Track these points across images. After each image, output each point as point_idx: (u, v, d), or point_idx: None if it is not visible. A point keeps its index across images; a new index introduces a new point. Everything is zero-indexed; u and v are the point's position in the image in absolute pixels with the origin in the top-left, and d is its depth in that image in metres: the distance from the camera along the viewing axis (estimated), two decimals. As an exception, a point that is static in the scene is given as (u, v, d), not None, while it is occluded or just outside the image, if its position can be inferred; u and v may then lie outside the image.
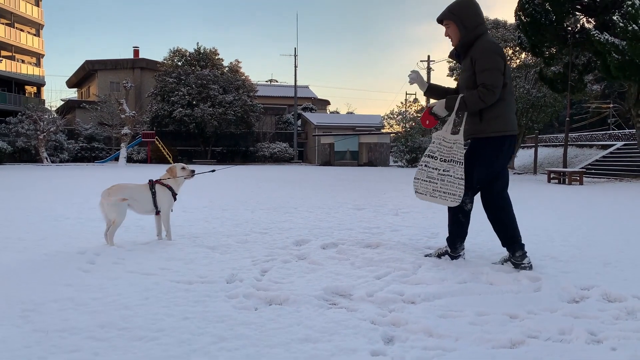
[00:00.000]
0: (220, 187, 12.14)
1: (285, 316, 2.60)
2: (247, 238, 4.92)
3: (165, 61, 38.58)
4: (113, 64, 43.42)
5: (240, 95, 37.24)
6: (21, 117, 32.94)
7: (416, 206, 7.94)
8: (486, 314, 2.67)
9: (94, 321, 2.45)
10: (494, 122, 3.60)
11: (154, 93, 37.41)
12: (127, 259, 3.88)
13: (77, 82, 50.97)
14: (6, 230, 5.19)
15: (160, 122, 36.72)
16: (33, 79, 46.85)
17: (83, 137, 36.84)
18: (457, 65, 26.70)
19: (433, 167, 3.72)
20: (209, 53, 38.98)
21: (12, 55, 44.68)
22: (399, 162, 33.82)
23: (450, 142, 3.70)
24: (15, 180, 14.06)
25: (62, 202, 7.98)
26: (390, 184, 14.27)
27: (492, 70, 3.50)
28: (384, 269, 3.62)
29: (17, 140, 32.30)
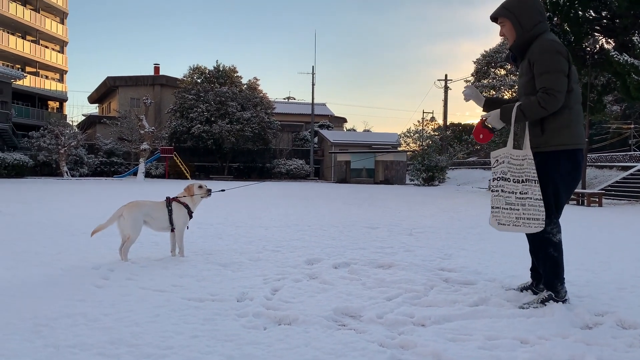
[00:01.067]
0: (234, 203, 12.21)
1: (293, 337, 2.60)
2: (260, 256, 4.94)
3: (185, 78, 39.22)
4: (134, 80, 44.24)
5: (257, 112, 37.63)
6: (43, 132, 33.64)
7: (431, 226, 7.90)
8: (496, 338, 2.64)
9: (104, 337, 2.48)
10: (558, 134, 3.18)
11: (173, 109, 37.98)
12: (140, 275, 3.93)
13: (99, 97, 51.96)
14: (24, 244, 5.28)
15: (179, 138, 37.20)
16: (56, 94, 47.88)
17: (103, 151, 37.45)
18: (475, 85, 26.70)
19: (509, 190, 3.19)
20: (228, 70, 39.54)
21: (36, 72, 45.80)
22: (415, 181, 33.70)
23: (519, 159, 3.20)
24: (35, 194, 14.31)
25: (80, 217, 8.10)
26: (405, 203, 14.22)
27: (554, 73, 3.10)
28: (395, 290, 3.61)
29: (39, 154, 32.94)
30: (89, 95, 52.45)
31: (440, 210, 11.60)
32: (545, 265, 3.28)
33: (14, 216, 8.01)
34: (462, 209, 12.02)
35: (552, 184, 3.22)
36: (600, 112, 19.00)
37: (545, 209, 3.18)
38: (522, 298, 3.42)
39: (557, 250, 3.24)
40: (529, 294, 3.49)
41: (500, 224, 3.24)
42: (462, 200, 16.35)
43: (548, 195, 3.22)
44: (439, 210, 11.60)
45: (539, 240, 3.28)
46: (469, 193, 21.95)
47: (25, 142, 34.16)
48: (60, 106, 50.46)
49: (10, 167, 30.00)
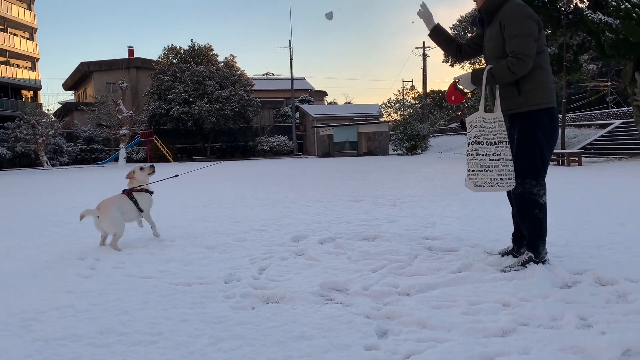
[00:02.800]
0: (218, 184, 12.19)
1: (281, 314, 2.65)
2: (246, 236, 4.97)
3: (160, 59, 38.56)
4: (108, 64, 43.38)
5: (236, 91, 37.23)
6: (19, 122, 32.99)
7: (414, 195, 7.98)
8: (479, 303, 2.71)
9: (94, 327, 2.50)
10: (534, 94, 3.25)
11: (150, 92, 37.41)
12: (127, 263, 3.94)
13: (73, 84, 50.95)
14: (7, 238, 5.24)
15: (158, 120, 36.75)
16: (29, 83, 46.78)
17: (82, 139, 36.91)
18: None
19: (483, 153, 3.28)
20: (204, 49, 38.95)
21: (6, 61, 44.60)
22: (398, 150, 33.81)
23: (490, 122, 3.28)
24: (16, 186, 14.11)
25: (63, 207, 8.03)
26: (389, 173, 14.30)
27: (524, 37, 3.14)
28: (380, 262, 3.67)
29: (17, 146, 32.38)
30: (64, 82, 51.38)
31: (423, 178, 11.70)
32: (529, 227, 3.35)
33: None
34: (444, 177, 12.13)
35: (538, 143, 3.29)
36: (576, 72, 19.14)
37: (532, 170, 3.28)
38: (504, 262, 3.49)
39: (542, 212, 3.33)
40: (510, 258, 3.57)
41: (476, 185, 3.33)
42: (445, 167, 16.49)
43: (535, 156, 3.29)
44: (422, 178, 11.70)
45: (524, 201, 3.34)
46: (451, 160, 22.11)
47: (1, 134, 33.50)
48: (34, 95, 49.37)
49: (-13, 160, 29.47)
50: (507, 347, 2.14)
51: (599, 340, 2.16)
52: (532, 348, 2.12)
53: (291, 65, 43.45)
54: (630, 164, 14.47)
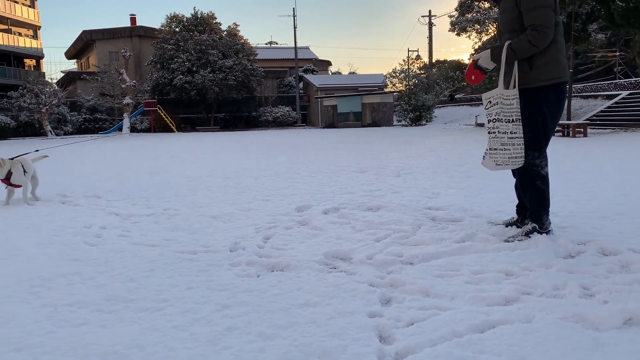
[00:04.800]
0: (223, 155, 12.19)
1: (286, 282, 2.67)
2: (250, 206, 4.99)
3: (163, 28, 38.09)
4: (110, 33, 42.90)
5: (240, 60, 36.84)
6: (22, 91, 32.81)
7: (418, 167, 7.97)
8: (482, 272, 2.73)
9: (100, 294, 2.53)
10: (546, 69, 3.20)
11: (153, 61, 37.06)
12: (132, 231, 3.97)
13: (76, 53, 50.51)
14: (14, 207, 5.27)
15: (162, 90, 36.51)
16: (31, 51, 46.41)
17: (85, 108, 36.78)
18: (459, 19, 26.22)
19: (502, 131, 3.22)
20: (206, 17, 38.44)
21: (8, 29, 44.16)
22: (402, 121, 33.64)
23: (509, 99, 3.22)
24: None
25: (68, 176, 8.05)
26: (393, 144, 14.26)
27: (542, 9, 3.08)
28: (384, 232, 3.68)
29: (20, 115, 32.28)
30: (66, 50, 50.90)
31: (427, 150, 11.67)
32: (532, 198, 3.36)
33: (1, 179, 7.95)
34: (449, 148, 12.09)
35: (542, 118, 3.27)
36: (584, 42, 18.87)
37: (535, 142, 3.26)
38: (507, 233, 3.50)
39: (545, 183, 3.33)
40: (514, 228, 3.57)
41: (497, 164, 3.30)
42: (449, 138, 16.42)
43: (538, 129, 3.28)
44: (426, 150, 11.66)
45: (527, 173, 3.33)
46: (455, 131, 22.02)
47: (5, 103, 33.39)
48: (37, 64, 49.04)
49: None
50: (510, 316, 2.16)
51: (601, 309, 2.18)
52: (535, 317, 2.15)
53: (295, 34, 42.75)
54: (637, 135, 14.36)
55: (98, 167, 9.47)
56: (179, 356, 1.87)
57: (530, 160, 3.29)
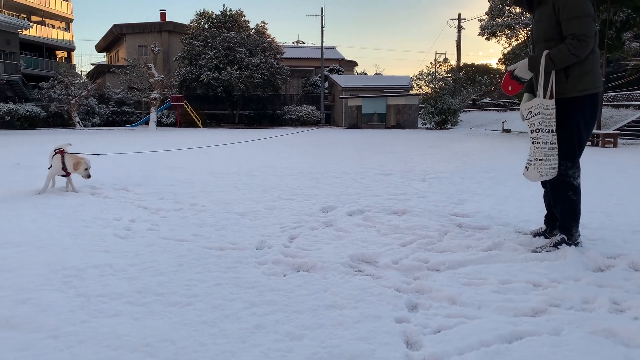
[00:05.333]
0: (247, 153, 12.28)
1: (312, 283, 2.70)
2: (275, 204, 5.03)
3: (192, 24, 38.49)
4: (140, 27, 43.51)
5: (266, 58, 37.05)
6: (53, 82, 33.52)
7: (444, 171, 7.92)
8: (509, 282, 2.72)
9: (132, 287, 2.59)
10: (583, 79, 3.15)
11: (181, 57, 37.50)
12: (161, 225, 4.04)
13: (106, 46, 51.36)
14: (46, 196, 5.40)
15: (189, 86, 36.92)
16: (63, 43, 47.39)
17: (113, 101, 37.41)
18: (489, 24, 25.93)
19: (544, 141, 3.20)
20: (235, 15, 38.71)
21: (42, 21, 45.18)
22: (427, 124, 33.42)
23: (549, 109, 3.18)
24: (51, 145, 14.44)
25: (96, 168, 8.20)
26: (418, 147, 14.19)
27: (583, 17, 3.02)
28: (410, 237, 3.68)
29: (50, 105, 32.97)
30: (97, 43, 51.79)
31: (453, 154, 11.58)
32: (563, 209, 3.32)
33: (32, 168, 8.14)
34: (475, 153, 11.98)
35: (576, 128, 3.24)
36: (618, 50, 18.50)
37: (569, 153, 3.23)
38: (535, 243, 3.47)
39: (576, 194, 3.29)
40: (542, 239, 3.54)
41: (541, 175, 3.26)
42: (476, 143, 16.27)
43: (572, 139, 3.24)
44: (452, 154, 11.58)
45: (559, 183, 3.30)
46: (481, 136, 21.80)
47: (36, 93, 34.15)
48: (68, 56, 50.05)
49: (22, 118, 30.18)
50: (538, 327, 2.15)
51: (632, 325, 2.15)
52: (563, 329, 2.13)
53: (322, 33, 42.87)
54: (669, 147, 14.02)
55: (125, 160, 9.63)
56: (209, 352, 1.91)
57: (563, 170, 3.25)
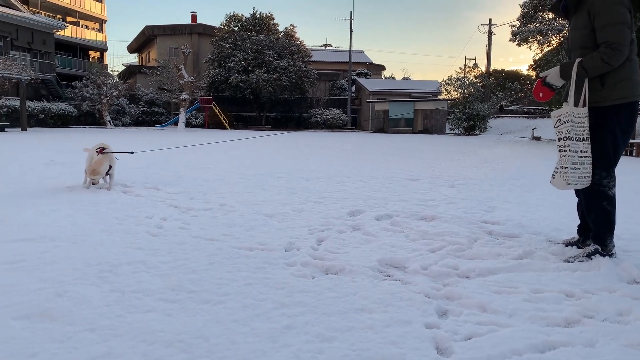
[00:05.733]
0: (274, 154, 12.36)
1: (341, 286, 2.71)
2: (303, 207, 5.05)
3: (222, 26, 38.94)
4: (172, 29, 44.22)
5: (294, 61, 37.24)
6: (86, 82, 34.33)
7: (473, 178, 7.85)
8: (541, 291, 2.68)
9: (164, 284, 2.64)
10: (619, 87, 3.10)
11: (211, 59, 37.96)
12: (192, 224, 4.10)
13: (138, 47, 52.31)
14: (79, 193, 5.54)
15: (217, 87, 37.33)
16: (96, 44, 48.49)
17: (144, 101, 38.07)
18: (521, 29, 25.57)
19: (573, 150, 3.15)
20: (265, 18, 39.02)
21: (77, 22, 46.34)
22: (455, 130, 33.13)
23: (580, 117, 3.14)
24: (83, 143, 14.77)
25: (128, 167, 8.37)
26: (446, 153, 14.08)
27: (617, 25, 2.99)
28: (439, 243, 3.66)
29: (83, 104, 33.75)
30: (129, 44, 52.82)
31: (482, 161, 11.46)
32: (597, 219, 3.26)
33: (66, 165, 8.36)
34: (504, 160, 11.83)
35: (612, 137, 3.18)
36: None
37: (604, 162, 3.18)
38: (567, 252, 3.42)
39: (611, 204, 3.23)
40: (574, 249, 3.48)
41: (568, 183, 3.22)
42: (505, 150, 16.06)
43: (607, 149, 3.19)
44: (480, 161, 11.46)
45: (593, 193, 3.25)
46: (511, 143, 21.51)
47: (69, 92, 35.01)
48: (100, 56, 51.18)
49: (56, 116, 30.97)
50: (571, 338, 2.11)
51: (670, 339, 2.10)
52: (598, 341, 2.09)
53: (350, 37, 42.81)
54: None
55: (155, 159, 9.79)
56: (240, 350, 1.94)
57: (597, 180, 3.19)
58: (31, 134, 21.40)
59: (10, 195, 5.27)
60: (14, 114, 26.79)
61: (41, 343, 1.95)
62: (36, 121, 29.64)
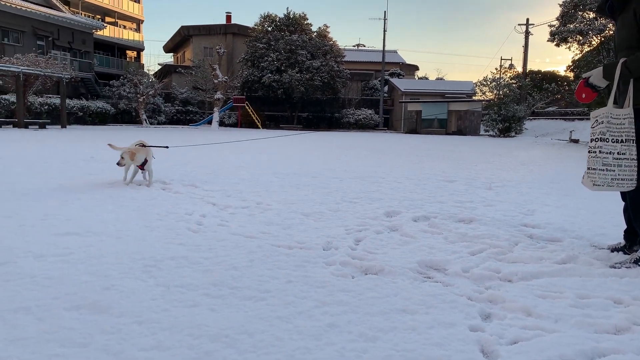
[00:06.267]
0: (307, 154, 12.40)
1: (382, 286, 2.70)
2: (339, 207, 5.05)
3: (256, 27, 39.29)
4: (207, 29, 44.86)
5: (327, 61, 37.30)
6: (123, 81, 35.14)
7: (510, 180, 7.71)
8: (588, 297, 2.62)
9: (207, 279, 2.68)
10: None
11: (244, 59, 38.36)
12: (230, 221, 4.16)
13: (173, 47, 53.27)
14: (121, 190, 5.67)
15: (250, 87, 37.70)
16: (133, 44, 49.57)
17: (178, 100, 38.73)
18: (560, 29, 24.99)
19: (607, 151, 3.09)
20: (298, 18, 39.21)
21: (115, 22, 47.46)
22: (490, 131, 32.63)
23: (619, 118, 3.08)
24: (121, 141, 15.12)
25: (165, 164, 8.53)
26: (481, 154, 13.87)
27: None
28: (479, 245, 3.61)
29: (120, 103, 34.56)
30: (164, 44, 53.87)
31: (519, 163, 11.25)
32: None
33: (106, 162, 8.57)
34: (542, 162, 11.60)
35: None
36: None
37: None
38: (612, 258, 3.32)
39: None
40: (621, 254, 3.38)
41: (595, 184, 3.16)
42: (542, 152, 15.73)
43: None
44: (518, 163, 11.25)
45: (639, 198, 3.16)
46: (548, 145, 21.06)
47: (107, 91, 35.90)
48: (137, 55, 52.30)
49: (94, 114, 31.81)
50: (622, 346, 2.06)
51: None
52: (649, 350, 2.03)
53: (384, 37, 42.58)
54: None
55: (191, 157, 9.95)
56: (285, 347, 1.95)
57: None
58: (70, 131, 22.02)
59: (55, 190, 5.44)
60: (55, 111, 27.64)
61: (92, 334, 2.01)
62: (75, 119, 30.49)
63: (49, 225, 3.79)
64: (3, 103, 25.18)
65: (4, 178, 6.23)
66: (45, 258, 2.96)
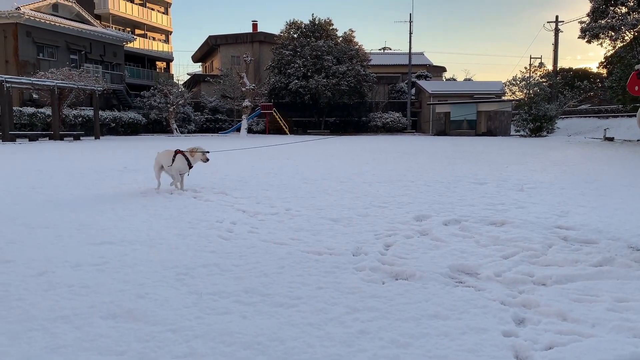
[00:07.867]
0: (335, 159, 12.40)
1: (413, 292, 2.68)
2: (368, 211, 5.04)
3: (282, 34, 39.56)
4: (234, 38, 45.35)
5: (353, 65, 37.24)
6: (153, 91, 35.80)
7: (543, 181, 7.57)
8: (626, 300, 2.55)
9: (238, 286, 2.71)
10: None
11: (271, 66, 38.62)
12: (260, 228, 4.19)
13: (201, 56, 54.00)
14: (153, 199, 5.78)
15: (277, 94, 37.91)
16: (162, 54, 50.51)
17: (208, 109, 39.26)
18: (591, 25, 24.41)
19: None
20: (324, 24, 39.29)
21: (144, 34, 48.45)
22: (521, 131, 32.04)
23: None
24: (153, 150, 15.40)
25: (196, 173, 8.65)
26: (512, 155, 13.64)
27: None
28: (511, 249, 3.55)
29: (150, 113, 35.22)
30: (193, 54, 54.63)
31: (551, 163, 11.02)
32: None
33: (140, 172, 8.74)
34: (575, 162, 11.33)
35: None
36: None
37: None
38: (652, 259, 3.23)
39: None
40: (660, 255, 3.29)
41: None
42: (575, 152, 15.37)
43: None
44: (550, 163, 11.02)
45: None
46: (581, 144, 20.56)
47: (138, 102, 36.64)
48: (167, 66, 53.26)
49: (126, 125, 32.49)
50: (663, 351, 2.00)
51: None
52: (692, 355, 1.97)
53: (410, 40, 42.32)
54: None
55: (220, 166, 10.07)
56: (317, 353, 1.96)
57: None
58: (104, 141, 22.54)
59: (90, 200, 5.58)
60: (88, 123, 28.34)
61: (128, 342, 2.05)
62: (108, 129, 31.19)
63: (85, 235, 3.89)
64: (39, 117, 25.95)
65: (45, 189, 6.42)
66: (81, 267, 3.05)
